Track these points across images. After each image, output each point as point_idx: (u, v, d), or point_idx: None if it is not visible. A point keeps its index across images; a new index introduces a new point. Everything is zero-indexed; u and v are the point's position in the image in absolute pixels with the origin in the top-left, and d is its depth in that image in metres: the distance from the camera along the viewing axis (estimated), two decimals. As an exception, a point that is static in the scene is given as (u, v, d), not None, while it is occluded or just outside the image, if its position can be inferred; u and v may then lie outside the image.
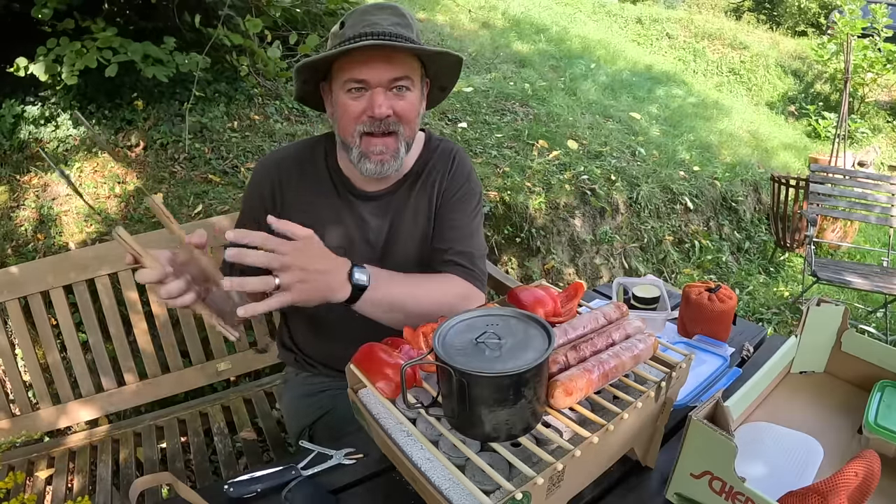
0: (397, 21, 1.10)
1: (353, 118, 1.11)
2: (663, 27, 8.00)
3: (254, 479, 0.92)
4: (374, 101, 1.08)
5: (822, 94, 7.16)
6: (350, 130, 1.12)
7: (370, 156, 1.13)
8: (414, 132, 1.18)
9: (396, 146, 1.14)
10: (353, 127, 1.12)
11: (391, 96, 1.10)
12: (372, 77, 1.07)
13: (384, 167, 1.14)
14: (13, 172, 2.76)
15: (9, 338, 1.59)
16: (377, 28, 1.07)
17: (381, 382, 0.84)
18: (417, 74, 1.14)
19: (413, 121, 1.15)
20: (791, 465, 0.93)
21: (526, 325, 0.76)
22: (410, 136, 1.17)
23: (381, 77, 1.08)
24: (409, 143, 1.17)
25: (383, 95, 1.09)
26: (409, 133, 1.15)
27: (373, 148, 1.12)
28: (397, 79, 1.09)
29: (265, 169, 1.26)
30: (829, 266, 3.25)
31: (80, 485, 1.49)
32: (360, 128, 1.11)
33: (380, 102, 1.08)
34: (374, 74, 1.07)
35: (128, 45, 2.68)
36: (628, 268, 3.45)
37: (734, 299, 1.27)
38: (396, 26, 1.09)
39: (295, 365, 1.39)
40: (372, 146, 1.12)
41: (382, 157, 1.13)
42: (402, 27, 1.10)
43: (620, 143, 4.09)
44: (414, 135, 1.18)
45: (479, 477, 0.72)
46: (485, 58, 5.00)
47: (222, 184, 2.77)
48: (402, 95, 1.11)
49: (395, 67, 1.08)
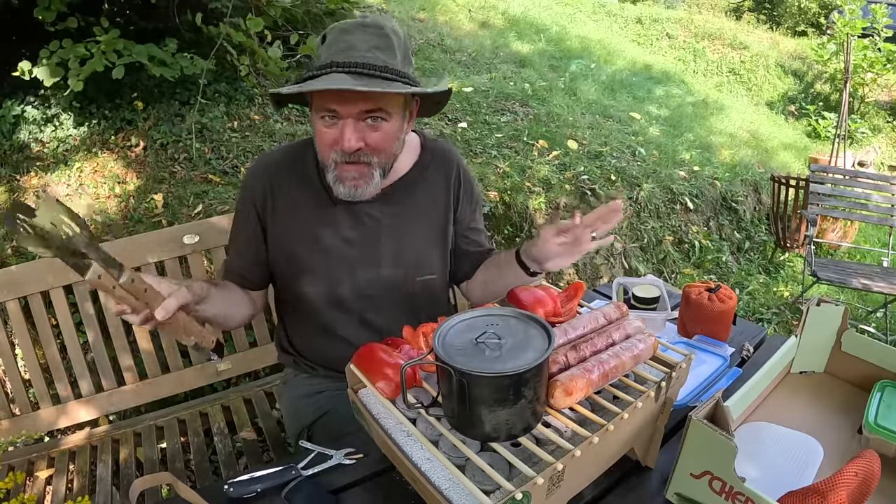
0: (376, 44, 1.06)
1: (327, 145, 1.11)
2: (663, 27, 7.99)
3: (254, 479, 0.92)
4: (343, 135, 1.06)
5: (822, 94, 7.16)
6: (326, 155, 1.13)
7: (344, 181, 1.13)
8: (392, 156, 1.17)
9: (370, 173, 1.13)
10: (328, 153, 1.12)
11: (363, 127, 1.08)
12: (342, 109, 1.06)
13: (357, 191, 1.14)
14: (13, 172, 2.76)
15: (9, 338, 1.59)
16: (351, 56, 1.04)
17: (381, 382, 0.84)
18: (396, 103, 1.10)
19: (387, 150, 1.13)
20: (791, 465, 0.93)
21: (526, 325, 0.76)
22: (387, 161, 1.16)
23: (351, 110, 1.05)
24: (384, 168, 1.16)
25: (352, 128, 1.06)
26: (384, 159, 1.14)
27: (346, 174, 1.12)
28: (369, 111, 1.06)
29: (257, 174, 1.26)
30: (829, 266, 3.25)
31: (80, 485, 1.49)
32: (333, 156, 1.11)
33: (348, 136, 1.06)
34: (344, 108, 1.05)
35: (132, 46, 2.67)
36: (628, 268, 3.45)
37: (734, 299, 1.27)
38: (374, 51, 1.05)
39: (294, 367, 1.39)
40: (345, 172, 1.12)
41: (356, 183, 1.13)
42: (381, 51, 1.06)
43: (620, 143, 4.09)
44: (391, 159, 1.17)
45: (479, 477, 0.72)
46: (485, 58, 4.99)
47: (222, 184, 2.77)
48: (376, 126, 1.09)
49: (367, 101, 1.05)
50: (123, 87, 3.05)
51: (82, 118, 2.99)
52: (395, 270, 1.25)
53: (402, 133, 1.17)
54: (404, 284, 1.26)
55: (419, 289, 1.28)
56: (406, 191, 1.26)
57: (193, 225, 1.71)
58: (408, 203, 1.26)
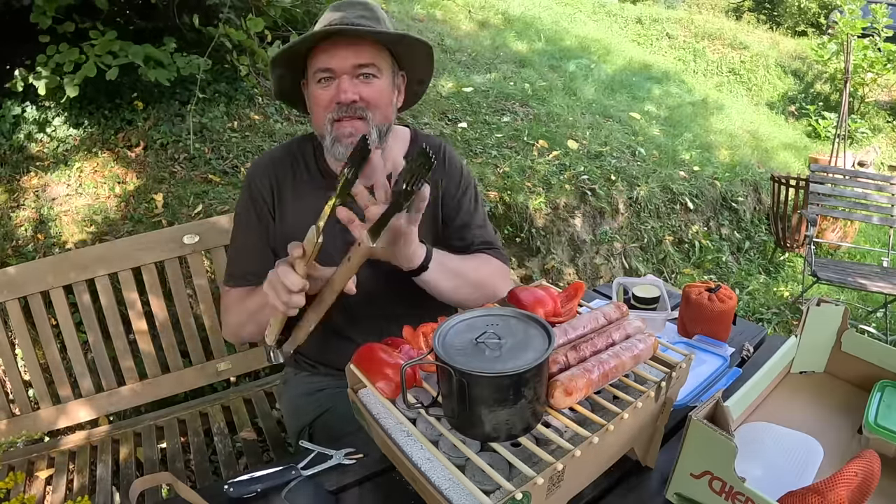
0: (364, 14, 1.14)
1: (323, 107, 1.14)
2: (663, 27, 7.99)
3: (254, 479, 0.92)
4: (340, 87, 1.12)
5: (822, 94, 7.16)
6: (322, 120, 1.15)
7: (341, 139, 1.15)
8: (386, 118, 1.19)
9: (367, 130, 1.15)
10: (324, 116, 1.14)
11: (358, 83, 1.13)
12: (337, 65, 1.11)
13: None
14: (13, 173, 2.76)
15: (9, 338, 1.59)
16: (342, 21, 1.12)
17: (381, 382, 0.84)
18: (385, 63, 1.16)
19: (383, 106, 1.16)
20: (791, 465, 0.93)
21: (526, 325, 0.76)
22: (382, 122, 1.18)
23: (345, 64, 1.11)
24: (381, 130, 1.18)
25: (349, 82, 1.12)
26: (379, 118, 1.17)
27: (342, 130, 1.14)
28: (362, 65, 1.12)
29: (260, 172, 1.26)
30: (829, 266, 3.25)
31: (80, 485, 1.49)
32: (330, 115, 1.14)
33: (345, 88, 1.11)
34: (338, 62, 1.11)
35: (128, 47, 2.67)
36: (628, 268, 3.45)
37: (734, 299, 1.27)
38: (362, 18, 1.13)
39: (294, 365, 1.39)
40: (342, 129, 1.14)
41: (353, 140, 1.14)
42: (367, 20, 1.13)
43: (620, 143, 4.09)
44: (387, 121, 1.19)
45: (479, 477, 0.72)
46: (484, 58, 4.99)
47: (222, 184, 2.77)
48: (369, 82, 1.14)
49: (359, 54, 1.11)
50: (123, 87, 3.05)
51: (82, 118, 2.99)
52: (393, 267, 1.25)
53: (393, 98, 1.21)
54: (402, 281, 1.26)
55: (416, 287, 1.27)
56: None
57: (193, 225, 1.71)
58: None
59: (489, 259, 1.28)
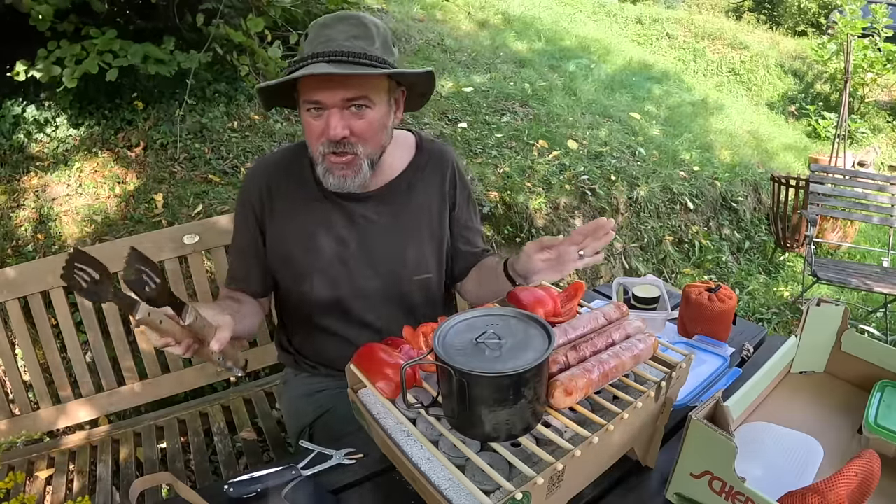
0: (355, 34, 1.07)
1: (315, 138, 1.12)
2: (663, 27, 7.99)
3: (254, 479, 0.92)
4: (329, 123, 1.08)
5: (822, 94, 7.16)
6: (315, 148, 1.14)
7: (333, 171, 1.14)
8: (379, 146, 1.17)
9: (357, 163, 1.13)
10: (317, 146, 1.12)
11: (348, 116, 1.09)
12: (326, 99, 1.07)
13: (346, 182, 1.14)
14: (13, 173, 2.76)
15: (9, 338, 1.59)
16: (330, 46, 1.06)
17: (381, 382, 0.84)
18: (380, 89, 1.11)
19: (374, 138, 1.13)
20: (791, 465, 0.93)
21: (526, 325, 0.76)
22: (375, 151, 1.16)
23: (334, 99, 1.06)
24: (373, 159, 1.16)
25: (338, 116, 1.07)
26: (372, 149, 1.15)
27: (334, 165, 1.13)
28: (352, 99, 1.07)
29: (254, 177, 1.27)
30: (829, 266, 3.25)
31: (80, 485, 1.49)
32: (321, 148, 1.12)
33: (334, 125, 1.07)
34: (327, 97, 1.06)
35: (128, 46, 2.67)
36: (628, 268, 3.45)
37: (734, 299, 1.27)
38: (353, 40, 1.06)
39: (294, 366, 1.39)
40: (333, 163, 1.13)
41: (345, 174, 1.13)
42: (359, 39, 1.07)
43: (620, 143, 4.09)
44: (380, 148, 1.17)
45: (479, 477, 0.72)
46: (484, 58, 4.99)
47: (222, 184, 2.77)
48: (361, 114, 1.09)
49: (348, 88, 1.06)
50: (123, 87, 3.05)
51: (82, 118, 2.99)
52: (392, 270, 1.25)
53: (389, 122, 1.17)
54: (401, 284, 1.27)
55: (416, 288, 1.28)
56: (401, 191, 1.26)
57: (193, 225, 1.71)
58: (403, 203, 1.26)
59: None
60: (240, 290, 1.28)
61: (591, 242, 1.02)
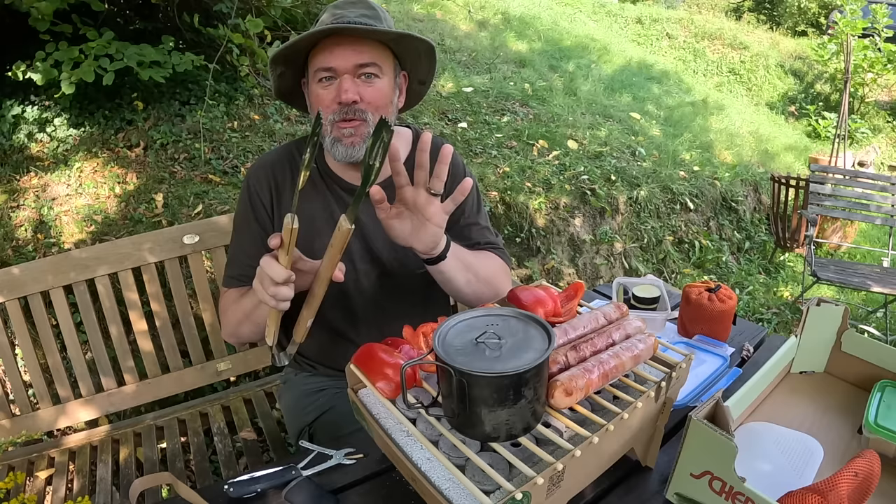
0: (365, 13, 1.13)
1: (324, 107, 1.13)
2: (663, 27, 8.00)
3: (254, 479, 0.92)
4: (341, 87, 1.10)
5: (822, 94, 7.16)
6: (325, 119, 1.14)
7: (341, 139, 1.14)
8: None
9: (366, 131, 1.14)
10: (326, 117, 1.14)
11: (359, 83, 1.12)
12: (338, 64, 1.10)
13: (354, 150, 1.15)
14: (13, 173, 2.76)
15: (9, 338, 1.59)
16: (343, 20, 1.11)
17: (381, 382, 0.84)
18: (387, 62, 1.16)
19: (383, 107, 1.16)
20: (791, 465, 0.93)
21: (526, 325, 0.76)
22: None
23: (346, 63, 1.10)
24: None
25: (350, 82, 1.11)
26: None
27: (343, 131, 1.14)
28: (364, 65, 1.11)
29: (260, 173, 1.26)
30: (829, 266, 3.25)
31: (80, 485, 1.49)
32: (331, 117, 1.13)
33: (346, 88, 1.10)
34: (340, 61, 1.10)
35: (124, 49, 2.67)
36: (628, 268, 3.45)
37: (734, 299, 1.27)
38: (363, 17, 1.12)
39: (294, 365, 1.39)
40: (342, 130, 1.14)
41: (353, 140, 1.14)
42: (369, 18, 1.13)
43: (620, 143, 4.09)
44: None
45: (479, 477, 0.72)
46: (484, 58, 4.99)
47: (222, 184, 2.77)
48: (371, 82, 1.13)
49: (360, 54, 1.10)
50: (123, 87, 3.05)
51: (82, 118, 2.99)
52: (393, 266, 1.26)
53: (394, 97, 1.20)
54: (401, 279, 1.27)
55: (416, 283, 1.28)
56: None
57: (193, 225, 1.71)
58: None
59: (494, 257, 1.30)
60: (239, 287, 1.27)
61: (434, 179, 0.96)
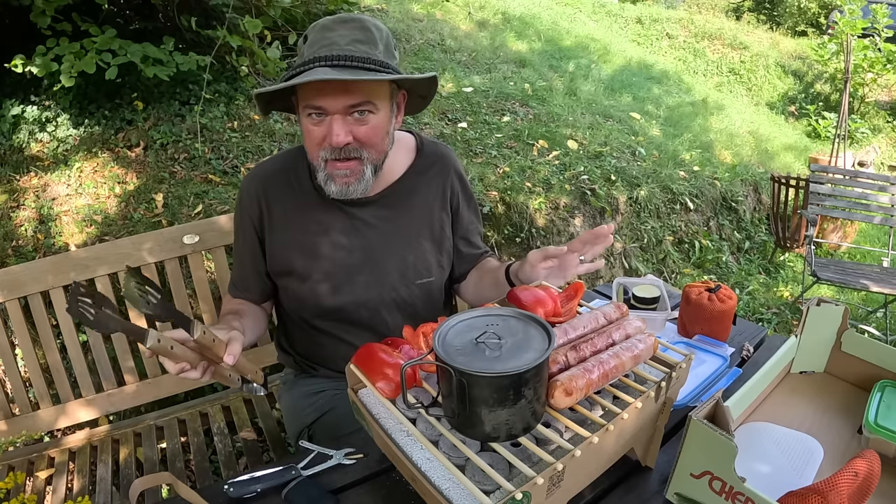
0: (358, 38, 1.05)
1: (315, 144, 1.09)
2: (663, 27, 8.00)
3: (254, 479, 0.92)
4: (332, 130, 1.05)
5: (822, 94, 7.16)
6: (315, 155, 1.11)
7: (335, 178, 1.12)
8: (382, 152, 1.15)
9: (361, 169, 1.11)
10: (317, 152, 1.10)
11: (351, 122, 1.07)
12: (328, 105, 1.04)
13: (349, 189, 1.13)
14: (13, 173, 2.76)
15: (9, 338, 1.59)
16: (333, 50, 1.03)
17: (381, 382, 0.84)
18: (382, 94, 1.09)
19: (377, 143, 1.12)
20: (791, 465, 0.93)
21: (526, 325, 0.76)
22: (378, 157, 1.14)
23: (337, 105, 1.04)
24: (376, 164, 1.14)
25: (341, 122, 1.05)
26: (375, 155, 1.13)
27: (337, 171, 1.11)
28: (355, 105, 1.05)
29: (250, 188, 1.24)
30: (829, 266, 3.25)
31: (80, 485, 1.49)
32: (322, 154, 1.10)
33: (337, 131, 1.05)
34: (330, 103, 1.04)
35: (127, 46, 2.67)
36: (628, 268, 3.45)
37: (734, 299, 1.27)
38: (356, 44, 1.04)
39: (294, 367, 1.39)
40: (336, 169, 1.11)
41: (347, 181, 1.12)
42: (362, 44, 1.05)
43: (620, 143, 4.09)
44: (382, 155, 1.15)
45: (479, 477, 0.72)
46: (484, 58, 4.99)
47: (222, 184, 2.77)
48: (364, 120, 1.07)
49: (351, 95, 1.04)
50: (123, 86, 3.05)
51: (82, 118, 2.99)
52: (393, 275, 1.25)
53: (391, 127, 1.15)
54: (402, 288, 1.26)
55: (417, 292, 1.28)
56: (402, 194, 1.25)
57: (193, 225, 1.71)
58: (404, 207, 1.25)
59: (496, 262, 1.35)
60: (241, 297, 1.29)
61: (591, 248, 1.07)
